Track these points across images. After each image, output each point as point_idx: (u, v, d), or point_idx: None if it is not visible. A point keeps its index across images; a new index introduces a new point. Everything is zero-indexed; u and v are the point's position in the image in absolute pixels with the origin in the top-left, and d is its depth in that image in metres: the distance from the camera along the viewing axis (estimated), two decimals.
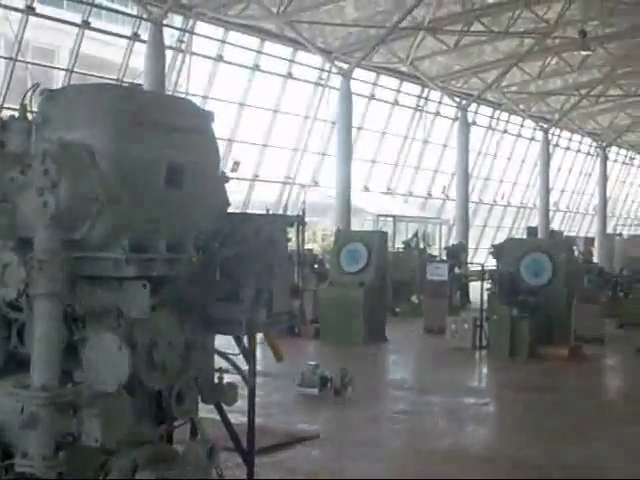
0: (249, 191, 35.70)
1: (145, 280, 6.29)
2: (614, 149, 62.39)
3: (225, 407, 7.81)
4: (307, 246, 28.30)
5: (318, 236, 39.01)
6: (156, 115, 6.47)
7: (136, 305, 6.27)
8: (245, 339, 7.87)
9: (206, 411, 7.70)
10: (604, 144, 58.62)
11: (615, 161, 64.56)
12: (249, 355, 8.02)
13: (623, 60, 41.43)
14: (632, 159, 66.96)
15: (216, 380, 7.32)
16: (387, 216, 40.65)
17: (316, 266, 27.39)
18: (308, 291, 24.42)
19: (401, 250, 34.02)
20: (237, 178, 33.57)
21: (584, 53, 37.48)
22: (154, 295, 6.36)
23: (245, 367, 7.98)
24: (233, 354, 7.74)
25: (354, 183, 35.66)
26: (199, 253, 7.08)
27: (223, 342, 7.67)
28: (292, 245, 8.29)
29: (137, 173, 6.23)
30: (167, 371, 6.45)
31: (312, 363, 15.77)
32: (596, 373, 20.72)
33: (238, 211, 10.08)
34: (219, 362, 7.51)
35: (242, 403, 7.94)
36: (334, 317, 23.03)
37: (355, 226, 34.99)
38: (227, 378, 7.43)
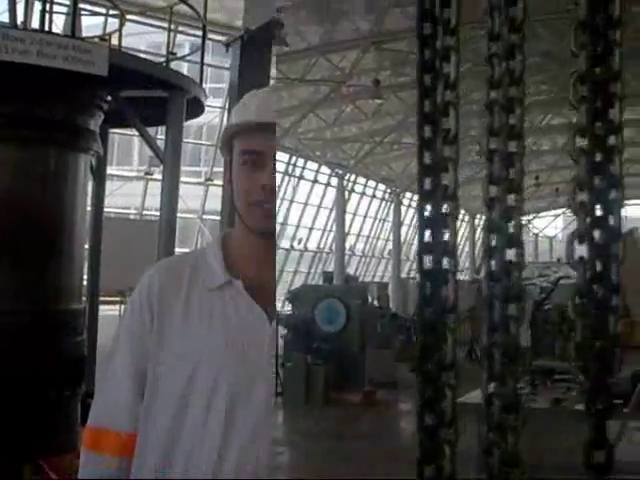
0: None
1: None
2: (408, 195, 63.80)
3: None
4: None
5: None
6: None
7: None
8: None
9: None
10: (398, 190, 59.88)
11: (409, 206, 66.00)
12: None
13: (415, 108, 42.38)
14: None
15: None
16: None
17: None
18: None
19: None
20: None
21: (378, 101, 38.19)
22: None
23: None
24: None
25: None
26: None
27: None
28: None
29: None
30: None
31: None
32: (389, 418, 20.80)
33: None
34: None
35: None
36: None
37: None
38: None
